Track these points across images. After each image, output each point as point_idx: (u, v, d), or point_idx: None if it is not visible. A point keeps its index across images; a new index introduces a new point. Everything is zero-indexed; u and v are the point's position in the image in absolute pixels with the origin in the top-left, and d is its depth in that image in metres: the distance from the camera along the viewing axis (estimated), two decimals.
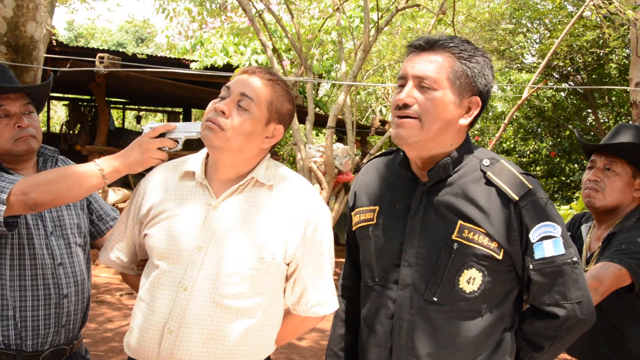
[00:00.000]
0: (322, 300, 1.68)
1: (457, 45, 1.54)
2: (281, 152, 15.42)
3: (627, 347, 2.04)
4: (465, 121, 1.56)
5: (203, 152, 1.72)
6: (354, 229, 1.75)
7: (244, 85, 1.61)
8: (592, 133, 13.14)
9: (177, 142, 1.73)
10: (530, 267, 1.52)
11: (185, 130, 1.75)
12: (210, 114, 1.60)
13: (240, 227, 1.60)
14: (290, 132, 8.31)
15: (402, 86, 1.56)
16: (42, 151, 2.09)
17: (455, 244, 1.52)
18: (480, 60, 1.56)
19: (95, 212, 2.16)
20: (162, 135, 1.73)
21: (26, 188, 1.68)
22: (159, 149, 1.71)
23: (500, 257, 1.51)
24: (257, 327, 1.61)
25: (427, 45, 1.55)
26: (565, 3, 12.12)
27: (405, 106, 1.52)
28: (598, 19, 7.60)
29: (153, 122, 1.83)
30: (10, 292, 1.87)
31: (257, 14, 7.64)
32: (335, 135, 7.42)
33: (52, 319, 1.93)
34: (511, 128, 15.37)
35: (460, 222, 1.53)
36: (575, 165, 13.83)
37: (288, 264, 1.64)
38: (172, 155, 1.76)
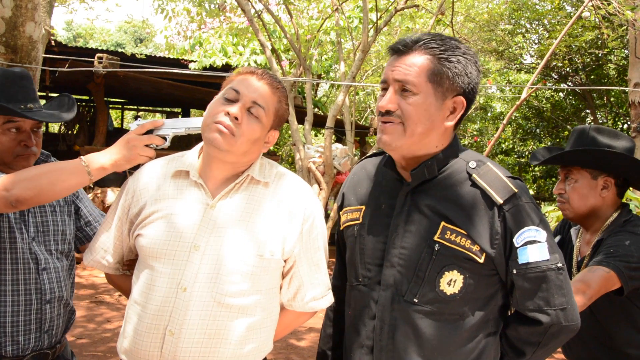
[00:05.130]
0: (318, 295, 1.68)
1: (437, 45, 1.51)
2: (280, 153, 15.42)
3: (621, 350, 2.04)
4: (450, 122, 1.55)
5: (196, 149, 1.70)
6: (341, 228, 1.74)
7: (255, 91, 1.60)
8: None
9: (165, 139, 1.69)
10: (514, 272, 1.49)
11: (172, 126, 1.70)
12: (222, 117, 1.57)
13: (238, 224, 1.58)
14: (289, 132, 8.31)
15: (384, 89, 1.56)
16: None
17: (437, 245, 1.50)
18: (462, 60, 1.52)
19: (84, 218, 2.10)
20: (149, 132, 1.69)
21: (8, 184, 1.59)
22: (147, 146, 1.66)
23: (481, 260, 1.49)
24: (258, 325, 1.60)
25: (406, 48, 1.53)
26: (564, 4, 12.15)
27: (388, 112, 1.52)
28: (597, 20, 7.61)
29: (140, 119, 1.80)
30: None
31: (256, 14, 7.65)
32: (334, 136, 7.42)
33: (34, 325, 1.87)
34: (510, 128, 15.39)
35: (443, 223, 1.51)
36: None
37: (285, 261, 1.64)
38: (159, 153, 1.72)
